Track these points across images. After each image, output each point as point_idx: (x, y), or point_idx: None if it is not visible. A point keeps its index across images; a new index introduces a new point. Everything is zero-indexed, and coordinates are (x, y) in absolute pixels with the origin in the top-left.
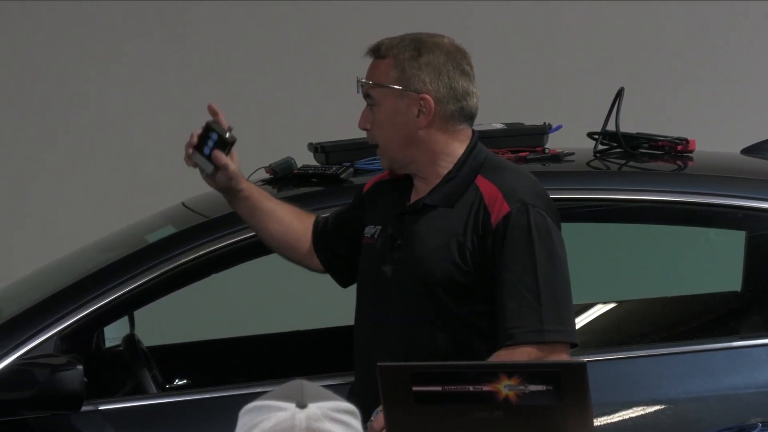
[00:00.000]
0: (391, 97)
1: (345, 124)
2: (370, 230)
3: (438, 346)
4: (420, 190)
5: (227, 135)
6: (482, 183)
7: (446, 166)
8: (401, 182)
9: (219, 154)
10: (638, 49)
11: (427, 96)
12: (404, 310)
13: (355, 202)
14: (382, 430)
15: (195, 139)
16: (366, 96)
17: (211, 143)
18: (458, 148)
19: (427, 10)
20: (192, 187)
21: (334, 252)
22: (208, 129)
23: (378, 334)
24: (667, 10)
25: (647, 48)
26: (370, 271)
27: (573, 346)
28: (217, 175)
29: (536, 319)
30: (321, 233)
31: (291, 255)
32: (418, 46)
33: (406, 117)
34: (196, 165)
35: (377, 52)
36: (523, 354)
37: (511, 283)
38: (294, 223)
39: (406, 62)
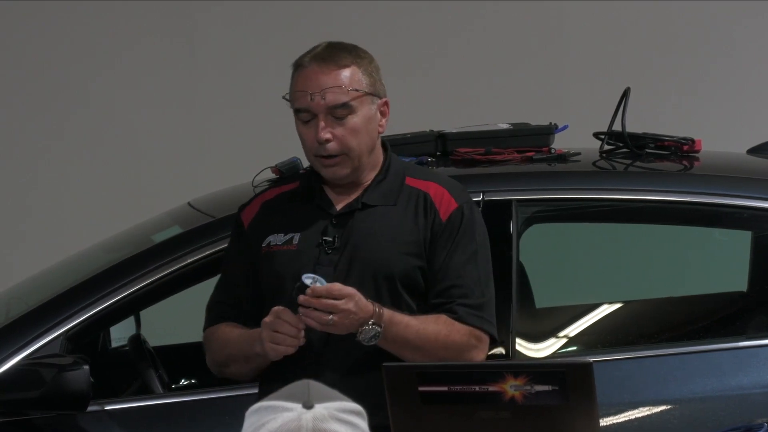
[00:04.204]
0: (366, 104)
1: None
2: (279, 238)
3: None
4: (342, 195)
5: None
6: (419, 183)
7: (377, 169)
8: (291, 194)
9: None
10: (644, 49)
11: (387, 100)
12: None
13: (242, 248)
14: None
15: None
16: (337, 106)
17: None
18: (381, 151)
19: (433, 11)
20: (198, 187)
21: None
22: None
23: (318, 334)
24: (674, 10)
25: (653, 48)
26: (296, 274)
27: (492, 340)
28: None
29: (479, 305)
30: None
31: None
32: (364, 52)
33: (375, 123)
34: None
35: (336, 61)
36: (459, 332)
37: (458, 266)
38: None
39: (370, 68)
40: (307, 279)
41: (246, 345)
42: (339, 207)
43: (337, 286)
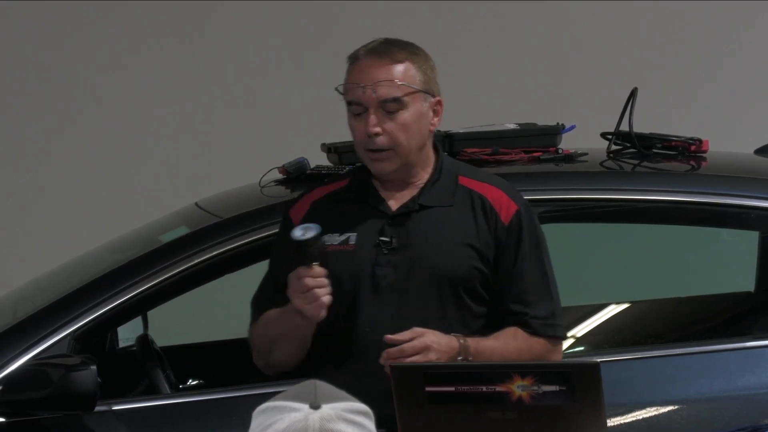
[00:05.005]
0: (418, 101)
1: None
2: (334, 238)
3: None
4: (396, 195)
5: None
6: (474, 184)
7: (429, 169)
8: (341, 193)
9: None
10: (652, 50)
11: (441, 99)
12: (418, 310)
13: (291, 246)
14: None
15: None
16: (388, 100)
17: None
18: (432, 151)
19: (441, 10)
20: (205, 188)
21: None
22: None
23: (378, 335)
24: (681, 11)
25: (660, 48)
26: (354, 275)
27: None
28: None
29: (550, 313)
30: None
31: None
32: (420, 50)
33: (426, 120)
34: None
35: (391, 55)
36: (537, 344)
37: (525, 269)
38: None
39: (425, 65)
40: (297, 232)
41: (284, 322)
42: (395, 207)
43: (410, 344)
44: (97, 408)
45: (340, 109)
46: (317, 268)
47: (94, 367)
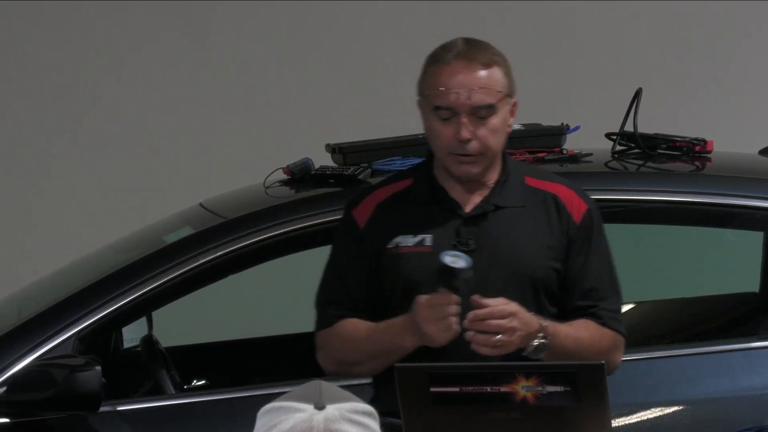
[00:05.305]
0: (505, 104)
1: (363, 125)
2: (408, 239)
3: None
4: (467, 195)
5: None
6: (542, 184)
7: (498, 169)
8: (406, 193)
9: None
10: (656, 50)
11: (516, 100)
12: None
13: (359, 247)
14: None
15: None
16: (482, 106)
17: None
18: None
19: (443, 10)
20: (209, 188)
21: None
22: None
23: (457, 337)
24: (686, 11)
25: (665, 49)
26: (432, 276)
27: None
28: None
29: (617, 309)
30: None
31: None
32: (498, 50)
33: (507, 122)
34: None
35: (482, 60)
36: (606, 336)
37: (595, 268)
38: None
39: (507, 67)
40: (447, 258)
41: (387, 342)
42: (468, 208)
43: (499, 307)
44: (102, 408)
45: (345, 110)
46: (455, 297)
47: (98, 368)
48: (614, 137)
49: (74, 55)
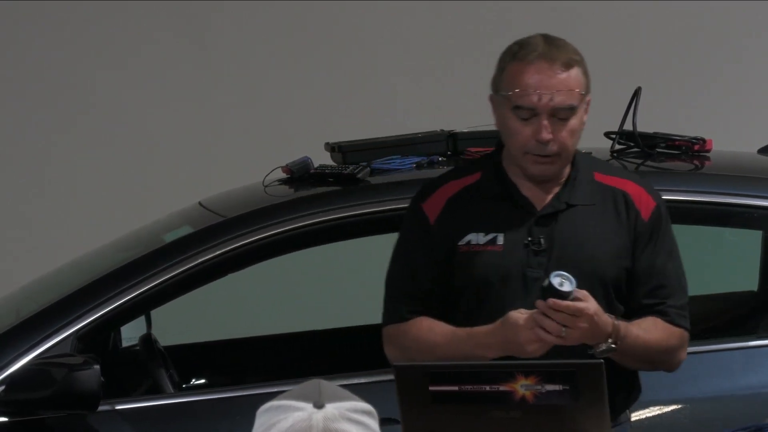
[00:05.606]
0: (583, 105)
1: (362, 124)
2: (480, 237)
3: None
4: (537, 192)
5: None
6: (613, 181)
7: (568, 166)
8: (476, 188)
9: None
10: (656, 49)
11: (589, 98)
12: None
13: (430, 243)
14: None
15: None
16: (564, 108)
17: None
18: None
19: (445, 10)
20: (209, 187)
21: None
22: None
23: None
24: (685, 10)
25: (665, 48)
26: (503, 276)
27: None
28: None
29: (683, 305)
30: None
31: None
32: (575, 49)
33: (583, 120)
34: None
35: (564, 61)
36: (675, 334)
37: (663, 265)
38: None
39: (585, 67)
40: (555, 279)
41: (469, 349)
42: (538, 205)
43: (575, 306)
44: (101, 408)
45: (344, 109)
46: (536, 319)
47: (97, 367)
48: (613, 136)
49: (73, 55)
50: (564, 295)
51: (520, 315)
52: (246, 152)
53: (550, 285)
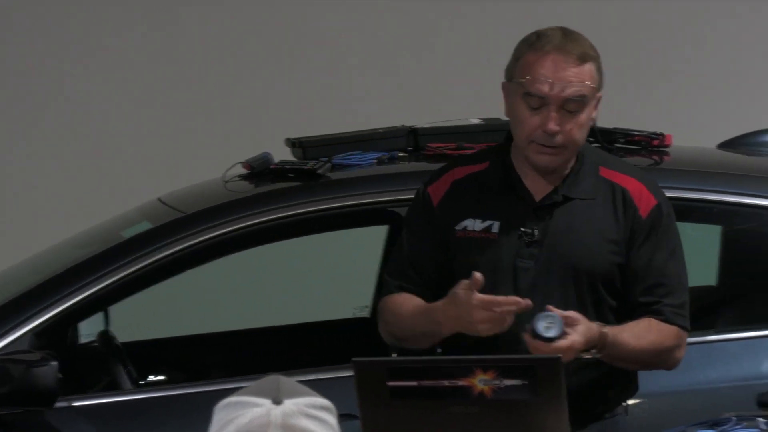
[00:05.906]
0: (594, 100)
1: (323, 120)
2: (476, 224)
3: None
4: (539, 183)
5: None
6: (616, 176)
7: (573, 158)
8: (482, 176)
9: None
10: (614, 44)
11: (600, 95)
12: (557, 304)
13: (431, 226)
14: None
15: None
16: (574, 100)
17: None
18: None
19: (407, 8)
20: (168, 183)
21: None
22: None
23: (515, 328)
24: (643, 6)
25: (624, 43)
26: (494, 264)
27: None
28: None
29: (681, 304)
30: (436, 288)
31: None
32: (591, 44)
33: (592, 116)
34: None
35: (579, 54)
36: (670, 334)
37: (661, 263)
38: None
39: (599, 64)
40: (541, 323)
41: (424, 326)
42: (538, 197)
43: (557, 348)
44: (58, 404)
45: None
46: (515, 299)
47: (55, 363)
48: None
49: (37, 50)
50: (549, 341)
51: (470, 294)
52: (206, 148)
53: (534, 331)
